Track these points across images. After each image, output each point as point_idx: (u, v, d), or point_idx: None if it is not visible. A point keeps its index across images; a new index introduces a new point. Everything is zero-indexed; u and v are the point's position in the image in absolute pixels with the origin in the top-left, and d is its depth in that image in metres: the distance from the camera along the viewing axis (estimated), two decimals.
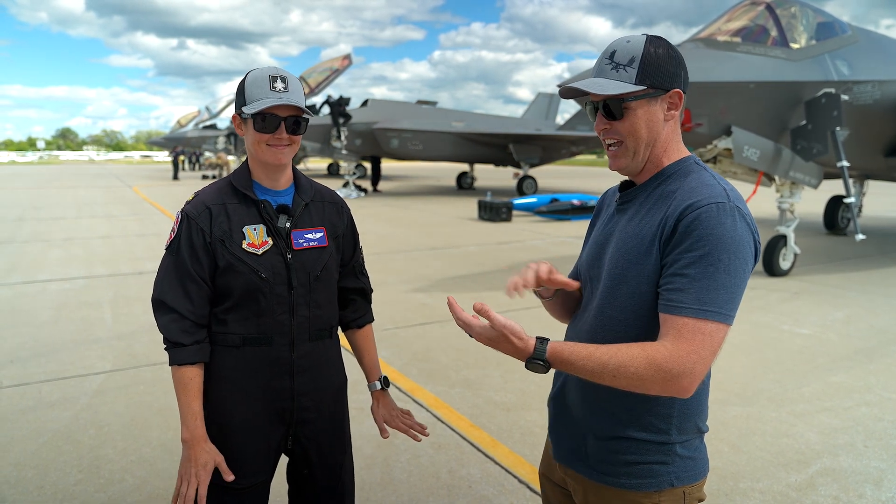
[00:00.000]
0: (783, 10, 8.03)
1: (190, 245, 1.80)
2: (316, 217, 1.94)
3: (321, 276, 1.91)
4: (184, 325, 1.80)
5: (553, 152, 25.22)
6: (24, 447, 3.63)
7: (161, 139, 53.11)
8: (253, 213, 1.84)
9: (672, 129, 1.49)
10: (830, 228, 13.59)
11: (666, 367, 1.30)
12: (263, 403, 1.87)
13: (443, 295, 7.45)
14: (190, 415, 1.80)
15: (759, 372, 4.93)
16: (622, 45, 1.45)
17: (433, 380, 4.71)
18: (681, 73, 1.46)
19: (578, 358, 1.34)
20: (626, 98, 1.43)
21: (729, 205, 1.35)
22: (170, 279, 1.81)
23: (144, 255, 9.99)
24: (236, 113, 1.84)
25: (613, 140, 1.49)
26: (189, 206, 1.85)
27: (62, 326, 6.05)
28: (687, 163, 1.49)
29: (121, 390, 4.48)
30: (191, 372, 1.80)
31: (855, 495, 3.18)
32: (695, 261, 1.33)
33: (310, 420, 1.95)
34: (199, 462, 1.79)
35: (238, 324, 1.84)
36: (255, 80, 1.78)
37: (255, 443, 1.89)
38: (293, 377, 1.89)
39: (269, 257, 1.82)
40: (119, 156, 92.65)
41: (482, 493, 3.19)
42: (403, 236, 12.43)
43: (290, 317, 1.86)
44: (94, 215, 15.78)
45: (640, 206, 1.50)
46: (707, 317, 1.32)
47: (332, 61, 22.19)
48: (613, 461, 1.51)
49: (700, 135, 7.47)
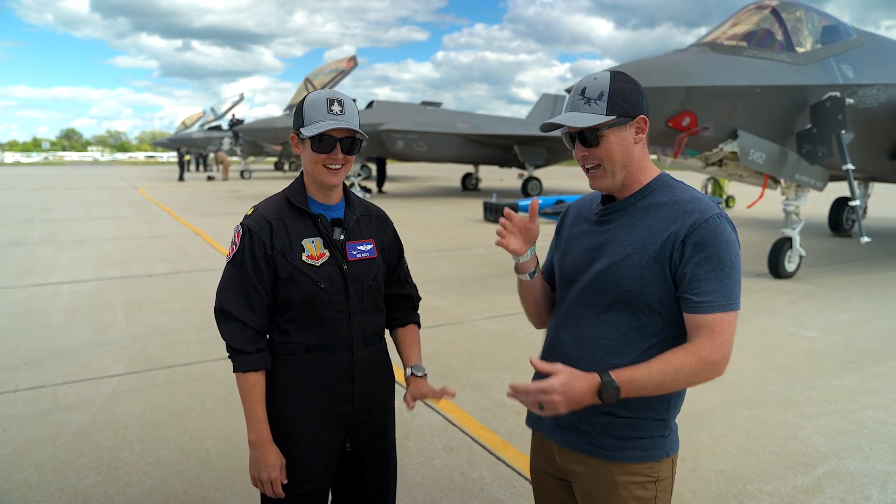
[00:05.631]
0: (789, 14, 8.07)
1: (253, 257, 1.90)
2: (365, 230, 2.05)
3: (373, 285, 2.02)
4: (247, 333, 1.89)
5: (558, 153, 25.19)
6: (43, 449, 3.70)
7: (166, 140, 53.27)
8: (310, 226, 1.94)
9: (642, 149, 1.70)
10: (835, 230, 13.60)
11: (713, 360, 1.55)
12: (325, 409, 1.96)
13: (452, 297, 7.51)
14: (255, 419, 1.90)
15: (767, 374, 4.98)
16: (591, 82, 1.66)
17: (444, 382, 4.71)
18: (643, 101, 1.67)
19: (642, 375, 1.54)
20: (601, 127, 1.63)
21: (721, 214, 1.61)
22: (234, 290, 1.91)
23: (154, 258, 10.07)
24: (294, 133, 1.95)
25: (592, 164, 1.69)
26: (250, 220, 1.94)
27: (76, 329, 6.13)
28: (664, 178, 1.73)
29: (136, 393, 4.55)
30: (254, 378, 1.90)
31: (861, 497, 3.23)
32: (714, 267, 1.57)
33: (366, 421, 2.04)
34: (268, 463, 1.90)
35: (300, 333, 1.93)
36: (313, 103, 1.88)
37: (319, 448, 1.97)
38: (353, 381, 1.98)
39: (327, 268, 1.92)
40: (124, 156, 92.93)
41: (494, 495, 3.25)
42: (410, 238, 12.49)
43: (348, 324, 1.96)
44: (102, 217, 15.89)
45: (631, 217, 1.69)
46: (730, 309, 1.58)
47: (338, 63, 22.25)
48: (619, 436, 1.67)
49: (706, 138, 7.52)
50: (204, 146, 42.62)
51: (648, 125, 1.67)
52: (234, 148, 34.78)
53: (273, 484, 1.90)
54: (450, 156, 25.03)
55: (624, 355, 1.64)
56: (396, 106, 25.23)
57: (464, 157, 25.40)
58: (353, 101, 1.95)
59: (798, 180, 8.24)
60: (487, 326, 6.31)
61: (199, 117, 48.64)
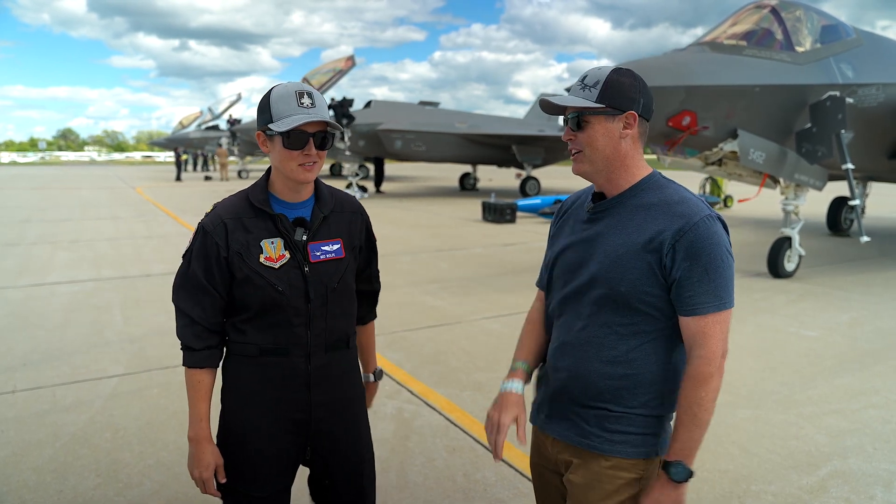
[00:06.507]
0: (788, 13, 8.06)
1: (203, 257, 1.85)
2: (334, 228, 1.95)
3: (338, 287, 1.93)
4: (195, 329, 1.86)
5: (556, 153, 25.20)
6: (41, 451, 3.67)
7: (163, 140, 53.17)
8: (270, 226, 1.86)
9: (631, 146, 1.69)
10: (833, 229, 13.62)
11: (707, 373, 1.60)
12: (279, 413, 1.91)
13: (451, 297, 7.49)
14: (195, 416, 1.88)
15: (767, 374, 4.97)
16: (593, 72, 1.70)
17: (445, 383, 4.75)
18: (640, 99, 1.67)
19: (685, 436, 1.64)
20: (584, 112, 1.67)
21: (711, 214, 1.62)
22: (182, 287, 1.89)
23: (152, 258, 10.03)
24: (260, 130, 1.84)
25: (576, 149, 1.72)
26: (206, 219, 1.89)
27: (73, 329, 6.09)
28: (655, 177, 1.72)
29: (135, 393, 4.52)
30: (199, 375, 1.88)
31: (866, 497, 3.21)
32: (705, 270, 1.58)
33: (327, 431, 1.97)
34: (202, 462, 1.88)
35: (256, 334, 1.88)
36: (280, 96, 1.77)
37: (270, 451, 1.92)
38: (309, 389, 1.91)
39: (286, 271, 1.85)
40: (120, 156, 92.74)
41: (498, 496, 3.23)
42: (408, 238, 12.47)
43: (307, 329, 1.88)
44: (99, 217, 15.83)
45: (617, 216, 1.70)
46: (723, 307, 1.61)
47: (336, 62, 22.18)
48: (611, 430, 1.69)
49: (706, 138, 7.51)
50: (201, 146, 42.54)
51: (638, 122, 1.68)
52: (232, 148, 34.73)
53: (206, 483, 1.88)
54: (448, 156, 25.02)
55: (615, 354, 1.67)
56: (394, 106, 25.21)
57: (462, 156, 25.40)
58: (318, 91, 1.90)
59: (797, 180, 8.23)
60: (487, 326, 6.29)
61: (196, 117, 48.56)
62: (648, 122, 1.72)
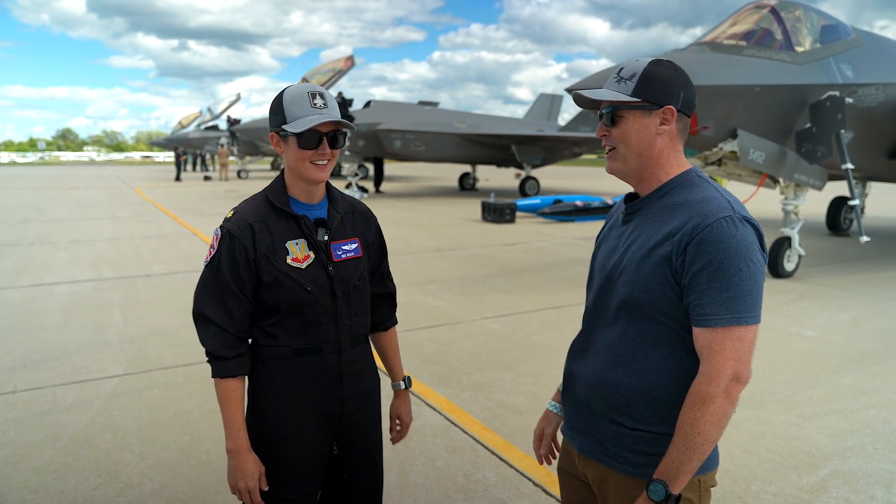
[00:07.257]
0: (788, 13, 8.06)
1: (231, 261, 1.84)
2: (350, 229, 2.00)
3: (359, 285, 1.98)
4: (225, 338, 1.85)
5: (555, 153, 25.24)
6: (42, 451, 3.67)
7: (162, 140, 53.16)
8: (293, 228, 1.88)
9: (668, 143, 1.59)
10: (833, 229, 13.62)
11: (707, 394, 1.44)
12: (314, 412, 1.93)
13: (451, 297, 7.49)
14: (233, 427, 1.85)
15: (768, 374, 4.97)
16: (630, 63, 1.59)
17: (445, 383, 4.75)
18: (680, 93, 1.56)
19: (673, 455, 1.47)
20: (619, 107, 1.57)
21: (732, 216, 1.46)
22: (209, 294, 1.86)
23: (151, 258, 10.03)
24: (273, 131, 1.87)
25: (610, 146, 1.63)
26: (230, 223, 1.87)
27: (73, 329, 6.09)
28: (689, 175, 1.60)
29: (135, 394, 4.52)
30: (233, 384, 1.85)
31: (866, 497, 3.21)
32: (715, 276, 1.43)
33: (354, 423, 2.02)
34: (245, 472, 1.85)
35: (287, 336, 1.89)
36: (293, 98, 1.81)
37: (307, 452, 1.94)
38: (342, 383, 1.95)
39: (313, 270, 1.88)
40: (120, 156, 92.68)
41: (498, 496, 3.23)
42: (408, 238, 12.47)
43: (336, 326, 1.92)
44: (98, 217, 15.82)
45: (645, 217, 1.61)
46: (736, 322, 1.43)
47: (336, 62, 22.18)
48: (636, 451, 1.58)
49: (706, 138, 7.51)
50: (201, 146, 42.54)
51: (677, 118, 1.57)
52: (232, 148, 34.75)
53: (252, 493, 1.85)
54: (447, 155, 25.02)
55: (631, 364, 1.57)
56: (394, 106, 25.21)
57: (461, 156, 25.40)
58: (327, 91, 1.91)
59: (797, 180, 8.24)
60: (487, 326, 6.29)
61: (195, 117, 48.58)
62: (689, 117, 1.61)
